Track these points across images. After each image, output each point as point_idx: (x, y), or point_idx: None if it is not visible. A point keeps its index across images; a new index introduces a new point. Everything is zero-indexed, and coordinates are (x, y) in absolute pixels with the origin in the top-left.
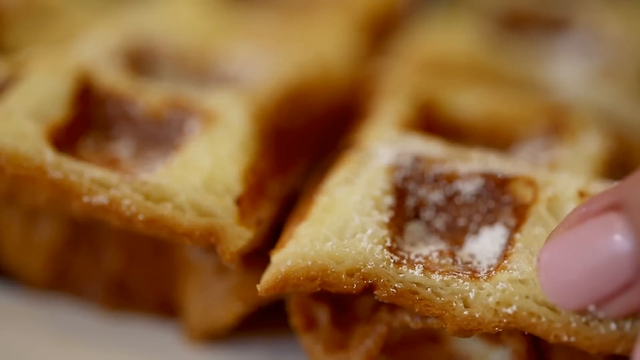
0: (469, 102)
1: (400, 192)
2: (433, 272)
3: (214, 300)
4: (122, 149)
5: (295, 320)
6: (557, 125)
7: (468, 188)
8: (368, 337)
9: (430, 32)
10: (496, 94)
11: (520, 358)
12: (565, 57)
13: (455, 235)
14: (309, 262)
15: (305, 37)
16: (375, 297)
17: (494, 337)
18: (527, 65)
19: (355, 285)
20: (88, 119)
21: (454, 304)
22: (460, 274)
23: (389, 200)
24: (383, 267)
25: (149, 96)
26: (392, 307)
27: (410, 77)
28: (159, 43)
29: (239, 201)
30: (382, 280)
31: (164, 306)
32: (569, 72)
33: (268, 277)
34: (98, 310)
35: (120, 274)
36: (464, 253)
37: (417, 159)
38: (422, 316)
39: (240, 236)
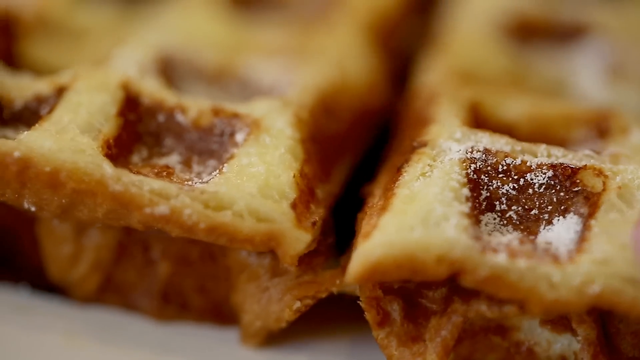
0: (513, 105)
1: (474, 185)
2: (517, 257)
3: (271, 299)
4: (172, 159)
5: (370, 315)
6: (602, 125)
7: (539, 179)
8: (443, 328)
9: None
10: (534, 98)
11: (591, 345)
12: (581, 62)
13: (529, 225)
14: (398, 251)
15: (323, 47)
16: (460, 284)
17: (560, 325)
18: (546, 73)
19: (442, 273)
20: (137, 132)
21: (540, 288)
22: (543, 259)
23: (465, 191)
24: (470, 254)
25: (196, 107)
26: (467, 297)
27: (448, 85)
28: (188, 58)
29: (293, 205)
30: (469, 267)
31: (215, 312)
32: (587, 76)
33: (357, 266)
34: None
35: (171, 282)
36: (540, 241)
37: (488, 153)
38: (499, 304)
39: (298, 239)
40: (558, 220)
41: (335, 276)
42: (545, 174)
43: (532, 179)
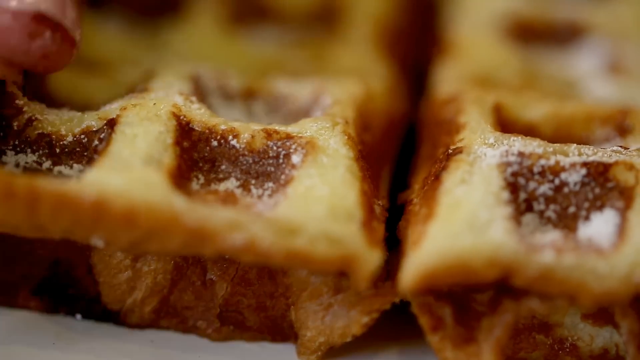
0: (534, 107)
1: (513, 187)
2: (563, 254)
3: (336, 315)
4: (230, 184)
5: (423, 321)
6: (622, 122)
7: (573, 178)
8: (495, 327)
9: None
10: (553, 100)
11: (636, 337)
12: (582, 61)
13: (568, 223)
14: (450, 258)
15: (339, 60)
16: (508, 285)
17: (601, 318)
18: (553, 74)
19: (493, 276)
20: (193, 159)
21: (588, 281)
22: (588, 254)
23: (506, 195)
24: (518, 255)
25: (248, 130)
26: (517, 296)
27: (469, 91)
28: (219, 84)
29: (362, 226)
30: (518, 268)
31: (272, 330)
32: (590, 75)
33: (412, 276)
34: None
35: (229, 303)
36: (581, 237)
37: (523, 156)
38: (550, 299)
39: (371, 259)
40: (595, 215)
41: (394, 287)
42: (579, 172)
43: (566, 178)
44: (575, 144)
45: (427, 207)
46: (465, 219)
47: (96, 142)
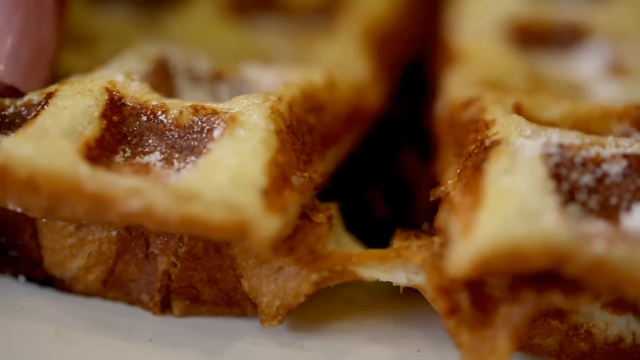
0: (552, 106)
1: (556, 178)
2: (615, 244)
3: (288, 276)
4: (154, 157)
5: (439, 305)
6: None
7: (614, 169)
8: (513, 315)
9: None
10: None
11: None
12: (585, 63)
13: (610, 214)
14: (504, 245)
15: (321, 52)
16: (563, 274)
17: (622, 306)
18: (558, 76)
19: (546, 264)
20: (121, 133)
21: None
22: (637, 245)
23: (550, 185)
24: (572, 245)
25: (176, 106)
26: (540, 287)
27: (485, 93)
28: (186, 64)
29: (265, 193)
30: (571, 258)
31: (227, 302)
32: (594, 76)
33: (467, 262)
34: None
35: (180, 277)
36: (626, 227)
37: (563, 147)
38: (575, 295)
39: (267, 226)
40: (637, 207)
41: (351, 256)
42: (620, 163)
43: (608, 170)
44: (611, 136)
45: (472, 197)
46: (516, 207)
47: (32, 113)
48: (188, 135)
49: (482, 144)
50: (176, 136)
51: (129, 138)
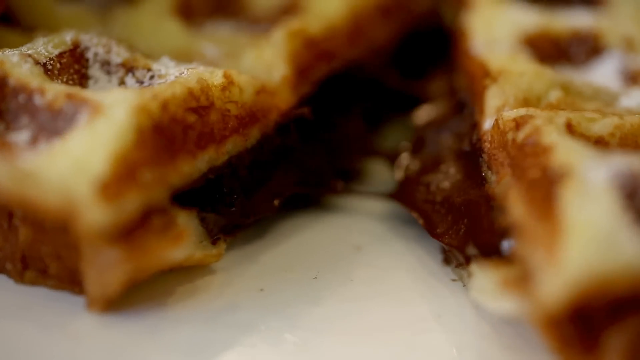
0: (599, 121)
1: (630, 203)
2: None
3: (105, 265)
4: (22, 136)
5: (551, 341)
6: None
7: None
8: (620, 339)
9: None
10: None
11: None
12: (604, 73)
13: None
14: (596, 274)
15: (247, 57)
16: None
17: None
18: (586, 90)
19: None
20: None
21: None
22: None
23: (628, 211)
24: None
25: (53, 90)
26: None
27: (534, 111)
28: (100, 52)
29: (101, 183)
30: None
31: (71, 280)
32: (616, 86)
33: (559, 295)
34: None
35: (31, 248)
36: None
37: (632, 171)
38: None
39: (96, 215)
40: None
41: (164, 248)
42: None
43: None
44: None
45: (550, 225)
46: (602, 235)
47: None
48: (57, 118)
49: (548, 171)
50: (47, 118)
51: (5, 115)
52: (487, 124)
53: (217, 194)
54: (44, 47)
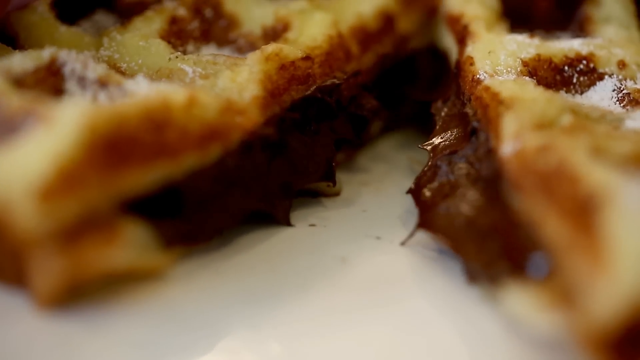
0: (619, 143)
1: None
2: None
3: (43, 269)
4: None
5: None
6: None
7: None
8: None
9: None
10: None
11: None
12: (603, 97)
13: None
14: None
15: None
16: None
17: None
18: (592, 113)
19: None
20: None
21: None
22: None
23: None
24: None
25: (7, 100)
26: None
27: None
28: (76, 68)
29: (41, 191)
30: None
31: (20, 277)
32: (617, 109)
33: (612, 311)
34: None
35: None
36: None
37: None
38: None
39: (31, 220)
40: None
41: (98, 251)
42: None
43: None
44: None
45: (592, 244)
46: None
47: None
48: (9, 127)
49: (583, 193)
50: (7, 125)
51: None
52: (506, 149)
53: (175, 205)
54: (21, 60)
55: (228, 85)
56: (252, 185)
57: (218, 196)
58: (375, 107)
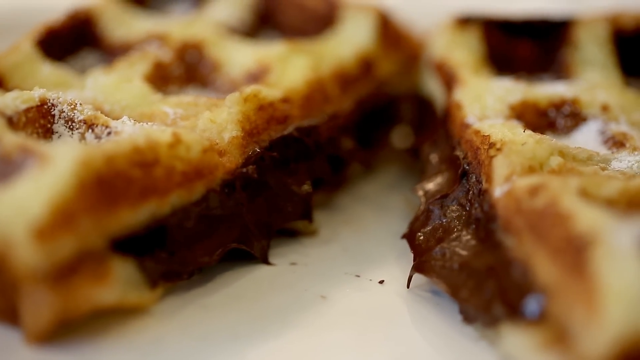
0: (607, 184)
1: None
2: None
3: (35, 305)
4: None
5: None
6: None
7: None
8: None
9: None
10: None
11: None
12: (588, 139)
13: None
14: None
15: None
16: None
17: None
18: (578, 154)
19: None
20: None
21: None
22: None
23: None
24: None
25: (6, 140)
26: None
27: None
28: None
29: (37, 229)
30: None
31: (12, 313)
32: (602, 150)
33: (604, 351)
34: None
35: None
36: None
37: None
38: None
39: (27, 257)
40: None
41: (89, 289)
42: None
43: None
44: None
45: (582, 284)
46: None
47: None
48: (8, 166)
49: (573, 235)
50: (5, 163)
51: None
52: (498, 191)
53: (159, 242)
54: (13, 101)
55: (208, 126)
56: (232, 224)
57: (201, 233)
58: (353, 148)
